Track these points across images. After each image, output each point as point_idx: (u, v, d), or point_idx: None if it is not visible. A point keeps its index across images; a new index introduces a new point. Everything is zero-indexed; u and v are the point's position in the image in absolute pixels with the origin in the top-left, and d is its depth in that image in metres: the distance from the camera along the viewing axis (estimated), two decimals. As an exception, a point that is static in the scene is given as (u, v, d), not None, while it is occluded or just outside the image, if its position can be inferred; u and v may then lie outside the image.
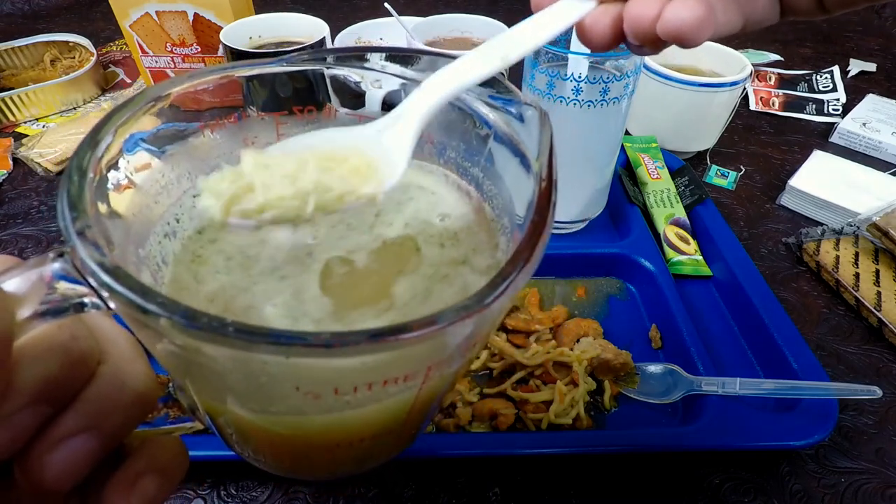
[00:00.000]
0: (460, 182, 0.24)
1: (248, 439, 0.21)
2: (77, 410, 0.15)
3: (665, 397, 0.44)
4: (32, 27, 1.09)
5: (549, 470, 0.41)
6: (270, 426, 0.18)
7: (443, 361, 0.16)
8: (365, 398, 0.16)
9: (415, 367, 0.15)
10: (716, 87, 0.67)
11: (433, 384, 0.18)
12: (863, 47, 1.10)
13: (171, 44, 0.76)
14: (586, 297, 0.54)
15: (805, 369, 0.43)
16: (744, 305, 0.50)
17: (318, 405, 0.16)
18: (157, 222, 0.21)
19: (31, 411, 0.14)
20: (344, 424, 0.18)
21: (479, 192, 0.23)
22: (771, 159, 0.77)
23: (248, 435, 0.21)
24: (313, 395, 0.15)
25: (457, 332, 0.14)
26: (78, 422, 0.15)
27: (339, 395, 0.15)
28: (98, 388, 0.15)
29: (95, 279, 0.13)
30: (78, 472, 0.15)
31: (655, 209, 0.62)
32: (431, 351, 0.15)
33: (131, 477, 0.16)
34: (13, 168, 0.71)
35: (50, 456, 0.14)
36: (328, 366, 0.14)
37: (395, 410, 0.18)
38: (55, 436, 0.14)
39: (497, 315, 0.17)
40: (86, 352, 0.15)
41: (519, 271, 0.14)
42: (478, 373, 0.46)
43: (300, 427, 0.18)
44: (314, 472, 0.26)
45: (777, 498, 0.40)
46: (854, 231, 0.60)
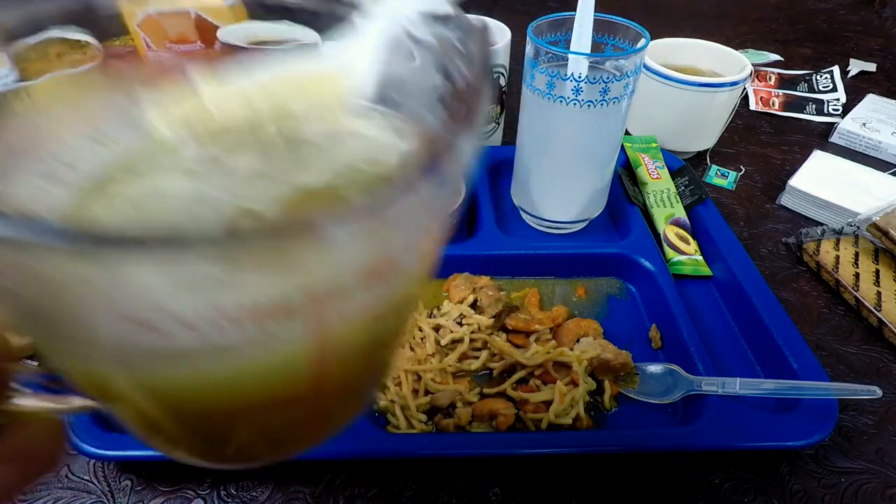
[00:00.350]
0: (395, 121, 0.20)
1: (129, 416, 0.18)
2: None
3: (665, 397, 0.44)
4: (32, 27, 1.09)
5: (549, 470, 0.41)
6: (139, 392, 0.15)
7: (335, 293, 0.12)
8: (232, 341, 0.12)
9: (292, 293, 0.12)
10: (716, 87, 0.67)
11: (337, 335, 0.14)
12: (863, 47, 1.10)
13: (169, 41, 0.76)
14: (586, 297, 0.54)
15: (805, 369, 0.43)
16: (744, 305, 0.50)
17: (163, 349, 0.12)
18: None
19: None
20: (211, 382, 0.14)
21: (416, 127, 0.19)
22: (771, 159, 0.77)
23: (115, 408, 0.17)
24: (156, 332, 0.11)
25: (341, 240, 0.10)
26: None
27: (190, 329, 0.11)
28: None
29: None
30: None
31: (655, 209, 0.62)
32: (308, 264, 0.11)
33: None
34: (13, 168, 0.71)
35: None
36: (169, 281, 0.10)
37: (290, 366, 0.14)
38: None
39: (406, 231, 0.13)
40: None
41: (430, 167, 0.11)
42: (478, 373, 0.46)
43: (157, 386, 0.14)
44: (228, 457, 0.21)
45: (777, 498, 0.40)
46: (854, 231, 0.60)
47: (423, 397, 0.43)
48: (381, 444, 0.39)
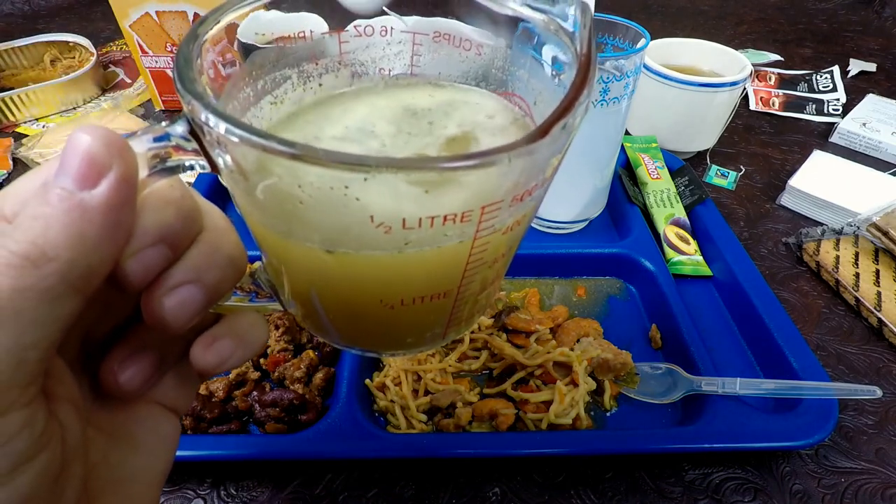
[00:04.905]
0: (499, 95, 0.26)
1: (316, 299, 0.23)
2: (185, 264, 0.18)
3: (665, 397, 0.44)
4: (32, 27, 1.09)
5: (549, 470, 0.41)
6: (343, 273, 0.20)
7: (495, 205, 0.17)
8: (426, 238, 0.18)
9: (470, 204, 0.17)
10: (716, 87, 0.67)
11: (483, 243, 0.19)
12: (863, 47, 1.11)
13: (171, 44, 0.76)
14: (586, 297, 0.54)
15: (805, 369, 0.43)
16: (744, 305, 0.50)
17: (387, 241, 0.18)
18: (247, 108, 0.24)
19: (155, 250, 0.17)
20: (406, 269, 0.20)
21: (521, 98, 0.25)
22: (771, 159, 0.77)
23: (321, 293, 0.22)
24: (384, 227, 0.17)
25: (510, 165, 0.15)
26: (186, 274, 0.18)
27: (406, 228, 0.17)
28: (200, 249, 0.18)
29: (214, 131, 0.15)
30: (187, 316, 0.18)
31: (655, 209, 0.62)
32: (487, 183, 0.17)
33: (211, 338, 0.20)
34: (13, 168, 0.71)
35: (166, 298, 0.17)
36: (401, 190, 0.16)
37: (450, 264, 0.20)
38: (169, 283, 0.17)
39: (543, 163, 0.18)
40: (193, 209, 0.18)
41: (562, 116, 0.16)
42: (478, 373, 0.46)
43: (369, 271, 0.20)
44: (374, 341, 0.27)
45: (777, 498, 0.40)
46: (854, 231, 0.60)
47: (423, 397, 0.43)
48: (381, 444, 0.39)
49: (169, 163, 0.17)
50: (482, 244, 0.19)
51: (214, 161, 0.17)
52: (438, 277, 0.21)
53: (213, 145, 0.17)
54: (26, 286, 0.14)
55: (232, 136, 0.15)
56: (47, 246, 0.14)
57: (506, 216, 0.19)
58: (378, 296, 0.21)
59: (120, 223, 0.15)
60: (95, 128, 0.15)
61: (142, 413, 0.21)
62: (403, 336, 0.26)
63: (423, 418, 0.42)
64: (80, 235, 0.14)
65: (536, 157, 0.17)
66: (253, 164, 0.17)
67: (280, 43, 0.24)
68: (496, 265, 0.23)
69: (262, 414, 0.41)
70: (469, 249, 0.19)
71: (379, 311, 0.22)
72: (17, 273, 0.14)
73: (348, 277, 0.20)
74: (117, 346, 0.20)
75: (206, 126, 0.15)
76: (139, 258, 0.16)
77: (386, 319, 0.23)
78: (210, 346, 0.20)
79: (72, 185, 0.14)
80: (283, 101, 0.25)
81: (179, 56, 0.18)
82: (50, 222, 0.14)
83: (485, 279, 0.23)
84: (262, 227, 0.20)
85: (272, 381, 0.45)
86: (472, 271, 0.21)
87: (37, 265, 0.14)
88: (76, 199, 0.14)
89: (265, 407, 0.41)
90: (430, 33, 0.25)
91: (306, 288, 0.23)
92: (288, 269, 0.22)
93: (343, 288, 0.21)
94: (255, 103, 0.24)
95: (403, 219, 0.17)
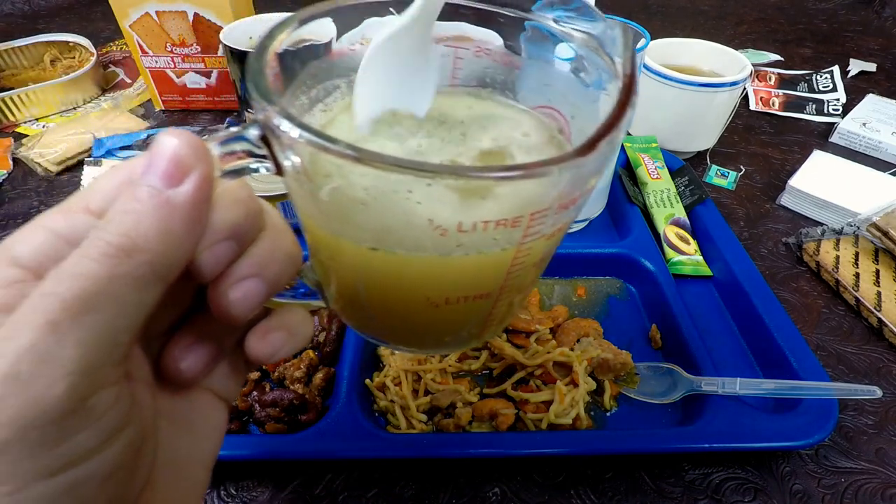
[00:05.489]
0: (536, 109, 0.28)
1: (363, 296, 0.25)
2: (249, 259, 0.19)
3: (665, 397, 0.44)
4: (32, 27, 1.09)
5: (549, 470, 0.41)
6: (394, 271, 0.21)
7: (542, 213, 0.19)
8: (477, 241, 0.19)
9: (520, 210, 0.18)
10: (716, 87, 0.67)
11: (528, 247, 0.20)
12: (863, 47, 1.11)
13: (171, 44, 0.76)
14: (586, 297, 0.54)
15: (805, 369, 0.43)
16: (744, 305, 0.50)
17: (440, 243, 0.19)
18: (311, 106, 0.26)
19: (226, 245, 0.18)
20: (454, 270, 0.21)
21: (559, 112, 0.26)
22: (771, 159, 0.77)
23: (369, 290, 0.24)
24: (441, 230, 0.18)
25: (558, 175, 0.17)
26: (250, 268, 0.19)
27: (461, 231, 0.18)
28: (262, 246, 0.20)
29: (289, 137, 0.17)
30: (250, 307, 0.19)
31: (655, 209, 0.62)
32: (537, 192, 0.18)
33: (265, 329, 0.22)
34: (13, 168, 0.71)
35: (232, 290, 0.19)
36: (459, 196, 0.18)
37: (496, 266, 0.21)
38: (235, 276, 0.19)
39: (588, 176, 0.19)
40: (258, 209, 0.20)
41: (608, 133, 0.17)
42: (478, 373, 0.46)
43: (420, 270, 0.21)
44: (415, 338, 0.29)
45: (777, 498, 0.40)
46: (854, 231, 0.60)
47: (423, 397, 0.43)
48: (381, 444, 0.39)
49: (239, 165, 0.19)
50: (527, 248, 0.21)
51: (281, 164, 0.19)
52: (483, 278, 0.22)
53: (283, 150, 0.18)
54: (121, 274, 0.15)
55: (307, 142, 0.16)
56: (139, 238, 0.15)
57: (550, 223, 0.20)
58: (425, 294, 0.23)
59: (199, 219, 0.17)
60: (180, 131, 0.16)
61: (196, 400, 0.22)
62: (443, 334, 0.27)
63: (423, 418, 0.42)
64: (167, 229, 0.16)
65: (583, 170, 0.18)
66: (322, 168, 0.18)
67: (333, 56, 0.25)
68: (535, 269, 0.24)
69: (262, 414, 0.41)
70: (514, 253, 0.21)
71: (424, 308, 0.23)
72: (113, 262, 0.15)
73: (398, 276, 0.22)
74: (178, 335, 0.21)
75: (281, 132, 0.17)
76: (212, 252, 0.18)
77: (429, 317, 0.24)
78: (264, 337, 0.22)
79: (159, 184, 0.16)
80: (333, 108, 0.26)
81: (252, 68, 0.19)
82: (140, 217, 0.16)
83: (523, 282, 0.24)
84: (319, 226, 0.21)
85: (272, 381, 0.45)
86: (515, 273, 0.22)
87: (130, 255, 0.15)
88: (164, 197, 0.16)
89: (265, 407, 0.41)
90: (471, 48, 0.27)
91: (354, 285, 0.24)
92: (338, 267, 0.23)
93: (392, 286, 0.23)
94: (309, 110, 0.26)
95: (459, 222, 0.18)
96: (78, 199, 0.18)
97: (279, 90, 0.22)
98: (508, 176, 0.16)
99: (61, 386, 0.14)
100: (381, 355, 0.47)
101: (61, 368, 0.14)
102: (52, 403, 0.14)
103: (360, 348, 0.45)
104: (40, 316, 0.14)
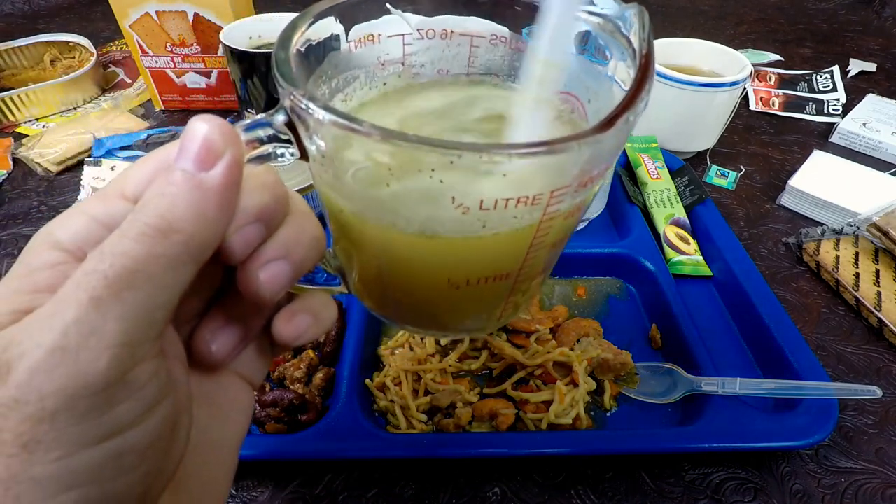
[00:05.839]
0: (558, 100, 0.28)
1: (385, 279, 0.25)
2: (276, 242, 0.20)
3: (665, 397, 0.44)
4: (32, 27, 1.09)
5: (549, 470, 0.41)
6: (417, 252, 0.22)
7: (562, 190, 0.19)
8: (498, 219, 0.19)
9: (541, 188, 0.18)
10: (716, 87, 0.67)
11: (547, 225, 0.21)
12: (863, 47, 1.11)
13: (171, 44, 0.76)
14: (586, 297, 0.54)
15: (805, 369, 0.43)
16: (744, 305, 0.50)
17: (462, 222, 0.19)
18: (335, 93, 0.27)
19: (254, 227, 0.19)
20: (476, 250, 0.21)
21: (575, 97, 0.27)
22: (771, 159, 0.77)
23: (392, 272, 0.24)
24: (463, 208, 0.19)
25: (578, 151, 0.17)
26: (277, 251, 0.20)
27: (482, 209, 0.18)
28: (289, 229, 0.20)
29: (316, 119, 0.17)
30: (277, 288, 0.20)
31: (655, 209, 0.62)
32: (558, 168, 0.18)
33: (291, 312, 0.22)
34: (13, 168, 0.71)
35: (261, 271, 0.19)
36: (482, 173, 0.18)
37: (516, 244, 0.22)
38: (263, 258, 0.19)
39: (608, 152, 0.20)
40: (284, 193, 0.20)
41: (625, 111, 0.18)
42: (478, 373, 0.46)
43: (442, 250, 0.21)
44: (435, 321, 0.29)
45: (777, 498, 0.40)
46: (854, 231, 0.60)
47: (423, 397, 0.43)
48: (381, 444, 0.39)
49: (264, 150, 0.19)
50: (546, 227, 0.21)
51: (307, 148, 0.20)
52: (504, 258, 0.23)
53: (309, 133, 0.19)
54: (158, 253, 0.16)
55: (332, 123, 0.17)
56: (174, 219, 0.16)
57: (569, 200, 0.20)
58: (447, 275, 0.23)
59: (230, 201, 0.17)
60: (211, 117, 0.17)
61: (224, 382, 0.23)
62: (463, 316, 0.28)
63: (423, 418, 0.42)
64: (200, 211, 0.16)
65: (602, 146, 0.18)
66: (347, 149, 0.19)
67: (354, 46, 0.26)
68: (553, 250, 0.25)
69: (262, 414, 0.41)
70: (535, 231, 0.21)
71: (445, 290, 0.24)
72: (151, 242, 0.16)
73: (420, 257, 0.22)
74: (208, 318, 0.22)
75: (308, 114, 0.17)
76: (241, 234, 0.18)
77: (450, 299, 0.25)
78: (290, 320, 0.22)
79: (192, 167, 0.16)
80: (352, 97, 0.27)
81: (278, 57, 0.20)
82: (175, 199, 0.16)
83: (540, 264, 0.25)
84: (343, 209, 0.22)
85: (272, 381, 0.45)
86: (533, 253, 0.23)
87: (166, 235, 0.16)
88: (197, 180, 0.16)
89: (265, 407, 0.41)
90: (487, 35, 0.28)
91: (377, 267, 0.25)
92: (361, 251, 0.24)
93: (413, 267, 0.23)
94: (330, 100, 0.26)
95: (481, 200, 0.18)
96: (114, 185, 0.19)
97: (302, 79, 0.23)
98: (531, 152, 0.16)
99: (105, 358, 0.15)
100: (381, 355, 0.47)
101: (104, 342, 0.15)
102: (97, 375, 0.15)
103: (360, 348, 0.45)
104: (83, 293, 0.15)
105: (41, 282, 0.17)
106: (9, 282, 0.17)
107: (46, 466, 0.15)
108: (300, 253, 0.20)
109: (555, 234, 0.22)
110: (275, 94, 0.66)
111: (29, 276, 0.17)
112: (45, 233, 0.18)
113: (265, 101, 0.67)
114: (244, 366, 0.24)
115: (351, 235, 0.23)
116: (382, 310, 0.29)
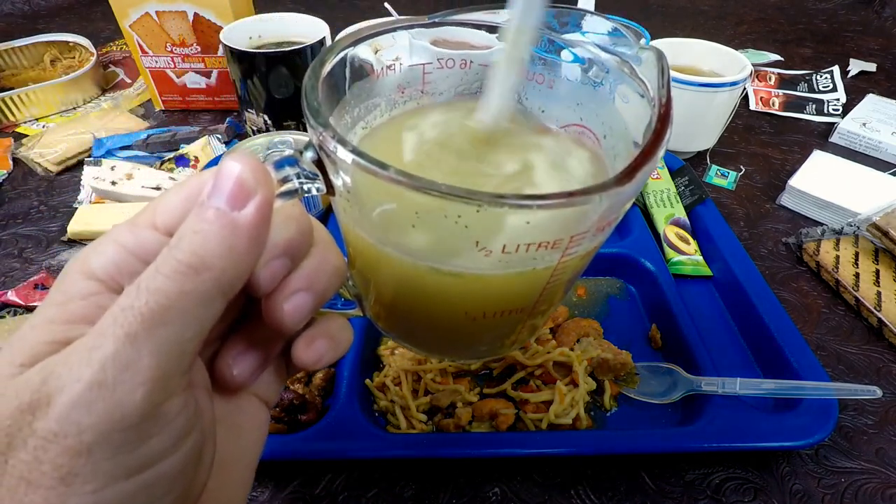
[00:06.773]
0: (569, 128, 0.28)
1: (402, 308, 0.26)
2: (300, 273, 0.20)
3: (665, 397, 0.44)
4: (32, 27, 1.09)
5: (549, 470, 0.41)
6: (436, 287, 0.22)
7: (581, 235, 0.20)
8: (518, 261, 0.20)
9: (562, 233, 0.19)
10: (716, 87, 0.67)
11: (564, 266, 0.21)
12: (863, 47, 1.11)
13: (171, 44, 0.76)
14: (586, 297, 0.54)
15: (805, 369, 0.43)
16: (744, 305, 0.50)
17: (484, 263, 0.20)
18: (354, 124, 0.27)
19: (281, 261, 0.20)
20: (494, 287, 0.22)
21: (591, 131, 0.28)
22: (771, 159, 0.77)
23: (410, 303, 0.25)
24: (486, 251, 0.19)
25: (599, 202, 0.18)
26: (301, 282, 0.20)
27: (504, 252, 0.19)
28: (312, 261, 0.21)
29: (339, 159, 0.18)
30: (301, 318, 0.20)
31: (655, 209, 0.62)
32: (578, 217, 0.19)
33: (310, 337, 0.23)
34: (13, 168, 0.71)
35: (286, 302, 0.20)
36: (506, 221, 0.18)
37: (534, 283, 0.22)
38: (288, 290, 0.20)
39: (626, 200, 0.20)
40: (309, 227, 0.21)
41: (645, 163, 0.18)
42: (478, 373, 0.46)
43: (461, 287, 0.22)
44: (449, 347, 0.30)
45: (777, 498, 0.40)
46: (854, 231, 0.60)
47: (423, 397, 0.43)
48: (381, 444, 0.39)
49: (293, 187, 0.20)
50: (563, 267, 0.22)
51: (334, 184, 0.20)
52: (520, 295, 0.23)
53: (336, 172, 0.19)
54: (190, 290, 0.16)
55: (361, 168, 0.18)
56: (206, 256, 0.17)
57: (587, 244, 0.21)
58: (464, 309, 0.24)
59: (260, 239, 0.18)
60: (244, 156, 0.17)
61: (243, 403, 0.24)
62: (478, 344, 0.29)
63: (423, 418, 0.42)
64: (231, 248, 0.17)
65: (622, 196, 0.19)
66: (375, 191, 0.19)
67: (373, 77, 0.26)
68: (568, 284, 0.25)
69: (262, 414, 0.41)
70: (552, 271, 0.22)
71: (461, 321, 0.25)
72: (183, 278, 0.16)
73: (439, 291, 0.23)
74: (230, 344, 0.22)
75: (337, 157, 0.18)
76: (268, 268, 0.19)
77: (465, 329, 0.26)
78: (310, 345, 0.23)
79: (225, 206, 0.17)
80: (372, 125, 0.28)
81: (307, 95, 0.20)
82: (208, 237, 0.17)
83: (555, 297, 0.25)
84: (365, 242, 0.22)
85: (272, 381, 0.45)
86: (550, 289, 0.23)
87: (198, 272, 0.16)
88: (229, 218, 0.17)
89: (265, 407, 0.41)
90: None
91: (394, 297, 0.25)
92: (381, 283, 0.25)
93: (432, 300, 0.24)
94: (352, 128, 0.27)
95: (504, 245, 0.19)
96: (145, 215, 0.19)
97: (329, 112, 0.23)
98: (553, 204, 0.17)
99: (140, 392, 0.15)
100: (381, 355, 0.47)
101: (139, 376, 0.15)
102: (132, 409, 0.15)
103: (360, 348, 0.45)
104: (120, 328, 0.15)
105: (76, 312, 0.17)
106: (45, 310, 0.17)
107: (82, 498, 0.15)
108: (323, 283, 0.21)
109: (571, 271, 0.23)
110: (275, 94, 0.66)
111: (64, 305, 0.17)
112: (81, 260, 0.18)
113: (265, 101, 0.67)
114: (261, 387, 0.24)
115: (372, 267, 0.24)
116: (398, 334, 0.29)
